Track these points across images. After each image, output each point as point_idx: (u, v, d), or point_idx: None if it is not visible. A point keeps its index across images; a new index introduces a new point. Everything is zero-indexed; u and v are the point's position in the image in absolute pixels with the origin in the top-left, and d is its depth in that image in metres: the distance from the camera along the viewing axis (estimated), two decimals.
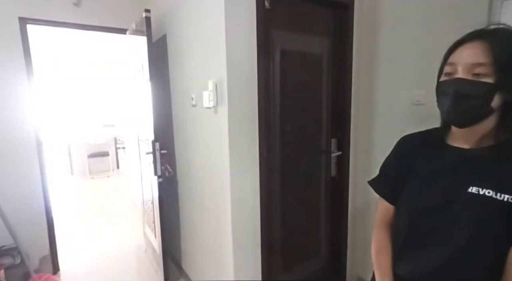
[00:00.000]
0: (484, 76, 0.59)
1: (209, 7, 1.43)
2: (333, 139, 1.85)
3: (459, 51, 0.63)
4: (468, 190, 0.63)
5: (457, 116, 0.63)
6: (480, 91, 0.59)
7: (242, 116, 1.41)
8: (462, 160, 0.67)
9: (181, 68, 1.87)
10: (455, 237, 0.64)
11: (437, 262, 0.67)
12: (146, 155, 2.05)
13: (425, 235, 0.69)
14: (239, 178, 1.44)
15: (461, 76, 0.61)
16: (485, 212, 0.61)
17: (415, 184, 0.73)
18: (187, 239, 2.10)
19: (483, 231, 0.61)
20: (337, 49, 1.78)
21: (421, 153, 0.74)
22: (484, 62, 0.58)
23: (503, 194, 0.59)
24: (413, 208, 0.72)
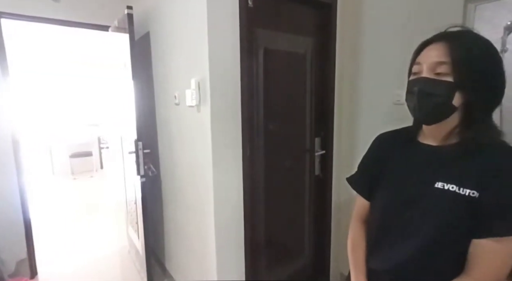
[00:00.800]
0: (445, 75, 0.62)
1: (192, 4, 1.41)
2: (316, 138, 1.87)
3: (425, 51, 0.67)
4: (435, 185, 0.66)
5: (422, 113, 0.67)
6: (441, 89, 0.63)
7: (225, 114, 1.41)
8: (430, 157, 0.70)
9: (164, 67, 1.85)
10: (423, 230, 0.67)
11: (406, 254, 0.69)
12: (129, 155, 2.01)
13: (396, 229, 0.72)
14: (222, 177, 1.44)
15: (425, 75, 0.65)
16: (450, 206, 0.63)
17: (388, 180, 0.76)
18: (171, 240, 2.08)
19: (448, 224, 0.64)
20: (320, 49, 1.80)
21: (395, 150, 0.77)
22: (445, 62, 0.62)
23: (465, 189, 0.62)
24: (385, 203, 0.75)
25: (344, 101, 1.90)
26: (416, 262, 0.69)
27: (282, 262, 1.85)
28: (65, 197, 4.19)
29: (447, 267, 0.66)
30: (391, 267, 0.73)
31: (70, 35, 4.19)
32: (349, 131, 1.90)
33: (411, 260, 0.69)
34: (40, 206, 3.67)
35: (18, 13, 1.99)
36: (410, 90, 0.68)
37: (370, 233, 0.83)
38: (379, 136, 0.86)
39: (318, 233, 1.97)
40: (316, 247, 1.98)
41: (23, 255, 2.13)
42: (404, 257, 0.70)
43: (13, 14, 1.97)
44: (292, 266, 1.90)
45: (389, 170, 0.76)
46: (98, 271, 2.30)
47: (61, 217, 3.43)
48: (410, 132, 0.77)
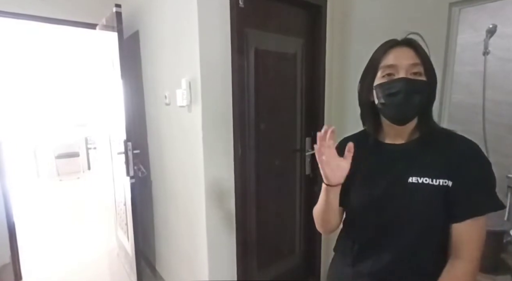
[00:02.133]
0: (420, 75, 0.68)
1: (183, 4, 1.41)
2: (307, 138, 1.89)
3: (392, 55, 0.69)
4: (409, 181, 0.69)
5: (406, 113, 0.69)
6: (422, 88, 0.68)
7: (216, 115, 1.41)
8: (398, 155, 0.74)
9: (153, 66, 1.83)
10: (407, 225, 0.69)
11: (392, 254, 0.72)
12: (118, 155, 1.98)
13: (377, 229, 0.74)
14: (214, 177, 1.43)
15: (404, 76, 0.67)
16: (427, 198, 0.68)
17: (360, 183, 0.77)
18: (161, 241, 2.06)
19: (429, 215, 0.68)
20: (310, 49, 1.82)
21: (360, 153, 0.76)
22: (418, 63, 0.68)
23: (438, 179, 0.67)
24: (361, 205, 0.76)
25: (333, 101, 1.92)
26: (404, 259, 0.71)
27: (273, 262, 1.86)
28: (51, 199, 4.08)
29: (435, 255, 0.70)
30: (378, 269, 0.74)
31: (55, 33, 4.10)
32: (339, 131, 1.91)
33: (398, 258, 0.71)
34: (25, 209, 3.56)
35: (2, 10, 1.92)
36: (391, 91, 0.68)
37: (351, 238, 0.82)
38: (342, 141, 0.85)
39: (309, 233, 1.98)
40: (306, 247, 2.00)
41: (6, 259, 2.07)
42: (390, 257, 0.72)
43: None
44: (283, 266, 1.91)
45: (359, 173, 0.76)
46: (86, 274, 2.26)
47: (47, 220, 3.34)
48: (370, 135, 0.79)
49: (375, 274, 0.74)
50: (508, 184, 2.43)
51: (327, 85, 1.87)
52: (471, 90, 2.52)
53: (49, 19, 2.11)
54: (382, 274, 0.74)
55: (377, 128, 0.78)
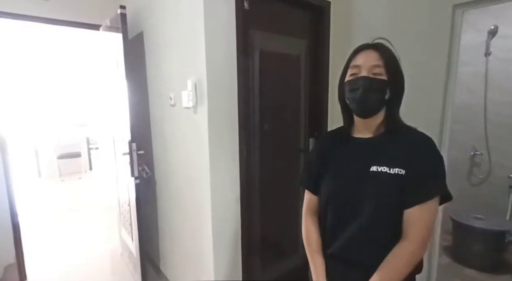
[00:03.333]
0: (380, 74, 0.77)
1: (188, 6, 1.42)
2: (311, 138, 1.91)
3: (359, 57, 0.80)
4: (371, 170, 0.78)
5: (366, 107, 0.79)
6: (380, 85, 0.77)
7: (222, 116, 1.42)
8: (364, 147, 0.83)
9: (158, 67, 1.84)
10: (366, 208, 0.77)
11: (351, 233, 0.80)
12: (122, 156, 1.99)
13: (345, 212, 0.82)
14: (220, 178, 1.44)
15: (365, 75, 0.77)
16: (384, 185, 0.76)
17: (330, 173, 0.87)
18: (165, 241, 2.07)
19: (384, 200, 0.76)
20: (314, 51, 1.83)
21: (333, 147, 0.89)
22: (379, 64, 0.77)
23: (393, 168, 0.75)
24: (330, 193, 0.85)
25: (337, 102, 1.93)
26: (360, 238, 0.79)
27: (277, 261, 1.87)
28: (53, 200, 4.09)
29: (386, 237, 0.77)
30: (340, 247, 0.83)
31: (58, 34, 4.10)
32: None
33: (356, 236, 0.79)
34: (27, 209, 3.57)
35: (7, 11, 1.93)
36: (354, 87, 0.79)
37: (324, 222, 0.90)
38: (321, 136, 0.99)
39: None
40: None
41: (11, 259, 2.08)
42: (350, 236, 0.80)
43: (1, 13, 1.92)
44: (287, 265, 1.93)
45: (331, 164, 0.87)
46: (90, 274, 2.26)
47: (49, 220, 3.35)
48: (344, 130, 0.90)
49: (339, 253, 0.83)
50: (510, 184, 2.44)
51: (331, 85, 1.89)
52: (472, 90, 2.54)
53: (52, 20, 2.12)
54: (344, 253, 0.82)
55: (350, 123, 0.88)
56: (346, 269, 0.83)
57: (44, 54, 4.80)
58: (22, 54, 4.62)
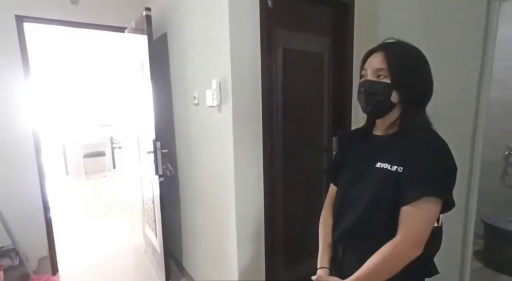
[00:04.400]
0: (384, 77, 0.78)
1: (212, 5, 1.43)
2: (334, 137, 1.87)
3: (369, 59, 0.82)
4: (375, 166, 0.80)
5: (368, 109, 0.82)
6: (381, 89, 0.78)
7: (246, 114, 1.42)
8: (375, 144, 0.86)
9: (182, 67, 1.87)
10: (365, 200, 0.80)
11: (348, 222, 0.84)
12: (147, 154, 2.04)
13: (348, 203, 0.87)
14: (243, 177, 1.45)
15: (369, 78, 0.80)
16: (383, 181, 0.78)
17: (345, 167, 0.93)
18: (188, 239, 2.10)
19: (380, 195, 0.78)
20: (337, 48, 1.80)
21: (353, 143, 0.94)
22: (383, 68, 0.77)
23: (393, 166, 0.76)
24: (341, 185, 0.92)
25: None
26: (354, 228, 0.83)
27: (300, 261, 1.85)
28: (80, 197, 4.28)
29: (380, 232, 0.77)
30: (338, 234, 0.88)
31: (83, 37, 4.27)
32: None
33: (351, 226, 0.83)
34: (57, 205, 3.75)
35: (39, 17, 2.03)
36: (359, 90, 0.83)
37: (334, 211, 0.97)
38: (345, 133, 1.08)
39: None
40: None
41: (44, 252, 2.19)
42: (347, 224, 0.85)
43: (35, 18, 2.02)
44: (311, 266, 1.90)
45: (348, 158, 0.93)
46: (116, 269, 2.34)
47: (77, 216, 3.50)
48: (366, 128, 0.93)
49: (337, 240, 0.90)
50: None
51: (354, 84, 1.84)
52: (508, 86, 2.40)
53: (81, 24, 2.21)
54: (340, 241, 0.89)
55: (370, 121, 0.91)
56: (343, 255, 0.89)
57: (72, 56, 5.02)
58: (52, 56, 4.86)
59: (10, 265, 1.94)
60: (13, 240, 1.91)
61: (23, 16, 1.98)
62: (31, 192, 2.09)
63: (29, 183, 2.08)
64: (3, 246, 1.96)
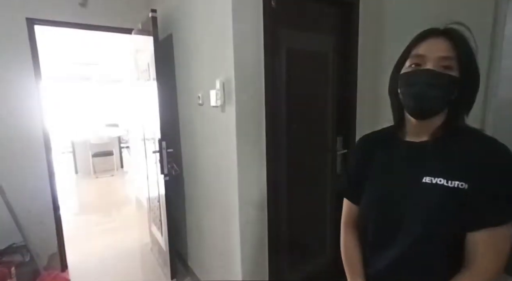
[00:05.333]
0: (450, 69, 0.63)
1: (216, 6, 1.44)
2: (338, 137, 1.86)
3: (424, 45, 0.66)
4: (422, 181, 0.65)
5: (424, 107, 0.65)
6: (446, 82, 0.63)
7: (250, 114, 1.43)
8: (415, 153, 0.70)
9: (187, 68, 1.89)
10: (416, 226, 0.65)
11: (402, 252, 0.67)
12: (153, 154, 2.07)
13: (389, 228, 0.70)
14: (247, 177, 1.46)
15: (430, 68, 0.63)
16: (440, 200, 0.63)
17: (374, 181, 0.75)
18: (193, 238, 2.12)
19: (440, 218, 0.63)
20: (342, 48, 1.79)
21: (378, 150, 0.77)
22: (451, 56, 0.62)
23: (453, 181, 0.62)
24: (373, 204, 0.74)
25: (366, 100, 1.87)
26: (407, 261, 0.67)
27: (304, 261, 1.85)
28: (89, 195, 4.36)
29: (441, 264, 0.65)
30: (384, 267, 0.71)
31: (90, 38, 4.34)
32: (370, 130, 1.86)
33: (401, 258, 0.67)
34: (67, 203, 3.83)
35: (49, 19, 2.08)
36: (412, 81, 0.65)
37: (364, 238, 0.80)
38: (361, 139, 0.86)
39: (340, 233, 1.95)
40: (337, 247, 1.96)
41: (54, 249, 2.24)
42: (395, 256, 0.68)
43: (44, 20, 2.07)
44: (314, 266, 1.90)
45: (374, 171, 0.76)
46: (123, 266, 2.39)
47: (86, 213, 3.57)
48: (391, 132, 0.77)
49: (382, 276, 0.72)
50: None
51: (359, 84, 1.83)
52: None
53: (89, 25, 2.25)
54: (385, 274, 0.71)
55: (400, 124, 0.75)
56: None
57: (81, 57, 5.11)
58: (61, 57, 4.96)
59: (21, 261, 1.99)
60: (24, 237, 1.96)
61: (33, 18, 2.04)
62: (41, 190, 2.15)
63: (39, 181, 2.13)
64: (14, 243, 2.02)
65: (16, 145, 2.03)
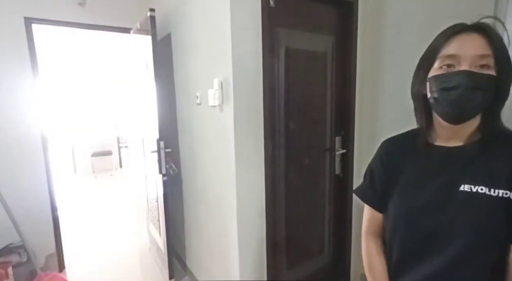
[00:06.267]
0: (488, 68, 0.58)
1: (215, 5, 1.43)
2: (337, 137, 1.86)
3: (456, 42, 0.60)
4: (460, 189, 0.61)
5: (465, 111, 0.60)
6: (489, 83, 0.58)
7: (248, 114, 1.42)
8: (449, 159, 0.65)
9: (185, 67, 1.88)
10: (454, 240, 0.60)
11: (438, 268, 0.63)
12: (151, 154, 2.06)
13: (423, 241, 0.65)
14: (245, 176, 1.45)
15: (467, 69, 0.58)
16: (481, 210, 0.59)
17: (405, 189, 0.70)
18: (192, 237, 2.12)
19: (482, 230, 0.59)
20: (341, 47, 1.78)
21: (406, 155, 0.72)
22: (488, 54, 0.58)
23: (496, 190, 0.58)
24: (405, 214, 0.68)
25: (365, 100, 1.87)
26: (450, 275, 0.62)
27: (303, 261, 1.85)
28: (88, 195, 4.35)
29: (484, 277, 0.61)
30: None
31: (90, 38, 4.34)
32: (370, 130, 1.87)
33: (445, 273, 0.63)
34: (65, 203, 3.81)
35: (48, 19, 2.08)
36: (449, 85, 0.59)
37: (391, 249, 0.74)
38: (386, 142, 0.80)
39: (339, 233, 1.95)
40: (336, 247, 1.96)
41: (51, 249, 2.23)
42: (436, 271, 0.63)
43: (43, 20, 2.06)
44: (312, 266, 1.89)
45: (403, 177, 0.70)
46: (121, 266, 2.38)
47: (85, 213, 3.56)
48: (420, 135, 0.71)
49: None
50: None
51: (358, 84, 1.82)
52: None
53: (88, 25, 2.25)
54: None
55: (428, 127, 0.69)
56: None
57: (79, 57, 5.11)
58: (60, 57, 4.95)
59: (18, 261, 1.98)
60: (22, 237, 1.95)
61: (31, 18, 2.03)
62: (39, 190, 2.14)
63: (37, 180, 2.12)
64: (12, 243, 2.01)
65: (13, 144, 2.02)
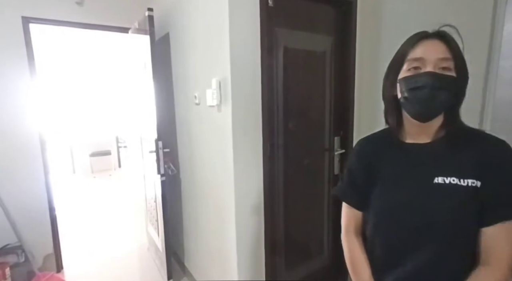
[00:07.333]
0: (449, 70, 0.64)
1: (213, 5, 1.43)
2: (336, 137, 1.85)
3: (421, 47, 0.66)
4: (435, 181, 0.66)
5: (432, 109, 0.66)
6: (449, 83, 0.64)
7: (246, 114, 1.41)
8: (422, 154, 0.70)
9: (183, 67, 1.88)
10: (436, 232, 0.65)
11: (422, 263, 0.67)
12: (149, 154, 2.06)
13: (405, 236, 0.69)
14: (243, 176, 1.44)
15: (431, 70, 0.64)
16: (455, 199, 0.64)
17: (385, 186, 0.74)
18: (190, 238, 2.11)
19: (459, 218, 0.63)
20: (340, 47, 1.78)
21: (381, 154, 0.77)
22: (448, 57, 0.64)
23: (465, 179, 0.64)
24: (388, 211, 0.72)
25: (364, 100, 1.87)
26: (430, 267, 0.66)
27: (301, 261, 1.84)
28: (87, 195, 4.34)
29: (465, 263, 0.66)
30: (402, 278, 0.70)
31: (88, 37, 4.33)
32: (368, 130, 1.84)
33: (424, 266, 0.66)
34: (63, 203, 3.80)
35: (45, 18, 2.06)
36: (416, 85, 0.65)
37: (372, 246, 0.77)
38: (362, 141, 0.85)
39: (337, 233, 1.94)
40: (335, 247, 1.96)
41: (49, 250, 2.22)
42: (415, 265, 0.67)
43: (41, 19, 2.05)
44: (311, 266, 1.89)
45: (381, 175, 0.74)
46: (120, 266, 2.37)
47: (83, 214, 3.55)
48: (392, 134, 0.76)
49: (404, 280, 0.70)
50: None
51: (357, 83, 1.82)
52: None
53: (86, 24, 2.24)
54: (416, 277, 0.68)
55: (399, 126, 0.75)
56: None
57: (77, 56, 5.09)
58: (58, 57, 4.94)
59: (16, 262, 1.98)
60: (19, 237, 1.94)
61: (29, 17, 2.01)
62: (37, 190, 2.12)
63: (34, 181, 2.11)
64: (9, 244, 2.00)
65: (11, 144, 2.01)
